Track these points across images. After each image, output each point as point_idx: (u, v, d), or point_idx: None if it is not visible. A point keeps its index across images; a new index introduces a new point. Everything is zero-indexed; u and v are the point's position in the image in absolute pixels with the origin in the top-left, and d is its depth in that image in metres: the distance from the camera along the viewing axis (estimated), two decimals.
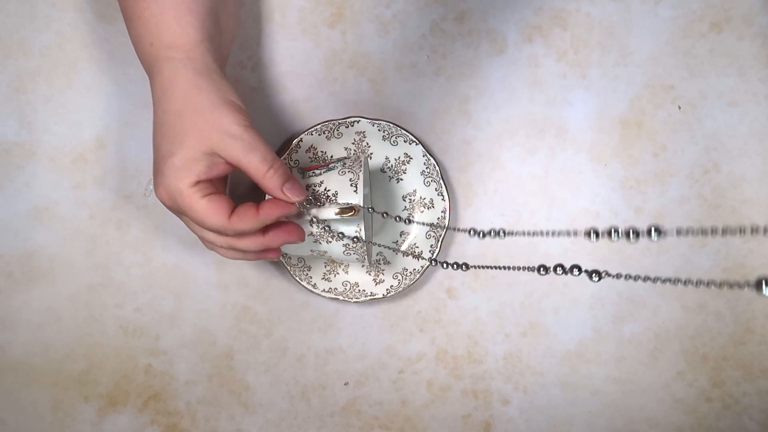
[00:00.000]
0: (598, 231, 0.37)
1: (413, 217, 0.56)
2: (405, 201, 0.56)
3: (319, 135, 0.54)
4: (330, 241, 0.48)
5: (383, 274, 0.55)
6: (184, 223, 0.46)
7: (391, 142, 0.55)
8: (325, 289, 0.55)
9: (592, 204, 0.57)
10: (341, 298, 0.55)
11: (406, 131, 0.54)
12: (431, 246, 0.55)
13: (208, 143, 0.42)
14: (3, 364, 0.55)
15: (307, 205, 0.47)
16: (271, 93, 0.56)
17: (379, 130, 0.54)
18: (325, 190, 0.48)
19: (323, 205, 0.47)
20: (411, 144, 0.55)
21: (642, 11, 0.56)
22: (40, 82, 0.55)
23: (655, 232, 0.35)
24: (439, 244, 0.55)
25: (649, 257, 0.57)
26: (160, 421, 0.56)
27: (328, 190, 0.48)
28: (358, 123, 0.54)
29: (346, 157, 0.53)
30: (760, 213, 0.57)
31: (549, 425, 0.57)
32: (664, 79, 0.57)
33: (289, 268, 0.54)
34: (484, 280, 0.57)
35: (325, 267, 0.55)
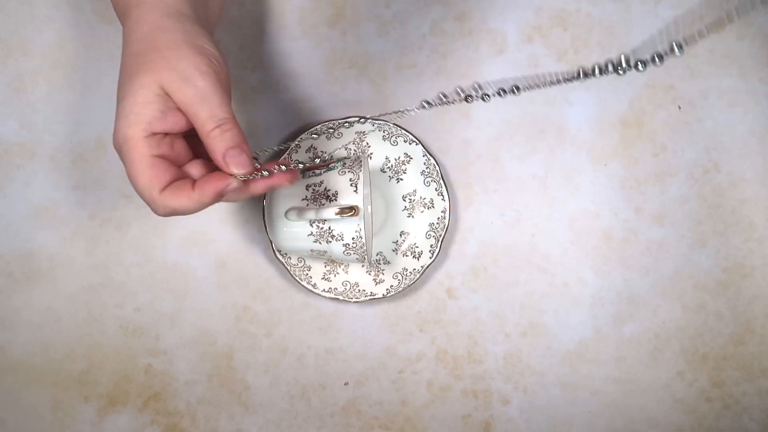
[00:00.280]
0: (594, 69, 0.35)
1: (413, 216, 0.56)
2: (405, 201, 0.56)
3: (319, 135, 0.54)
4: (330, 241, 0.48)
5: (383, 274, 0.55)
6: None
7: (391, 142, 0.55)
8: (325, 289, 0.55)
9: (592, 204, 0.57)
10: (341, 298, 0.55)
11: (406, 131, 0.54)
12: (431, 246, 0.55)
13: (159, 82, 0.37)
14: (3, 364, 0.55)
15: (304, 168, 0.44)
16: (271, 93, 0.56)
17: (379, 130, 0.54)
18: (325, 190, 0.48)
19: (323, 205, 0.47)
20: (411, 144, 0.55)
21: (642, 11, 0.56)
22: (40, 82, 0.55)
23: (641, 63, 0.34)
24: (439, 244, 0.55)
25: (649, 257, 0.57)
26: (160, 421, 0.56)
27: (328, 190, 0.48)
28: (358, 123, 0.54)
29: (346, 157, 0.53)
30: (760, 213, 0.57)
31: (549, 425, 0.57)
32: (664, 79, 0.57)
33: (289, 268, 0.54)
34: (484, 280, 0.57)
35: (325, 267, 0.55)
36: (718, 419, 0.58)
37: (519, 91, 0.37)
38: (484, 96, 0.38)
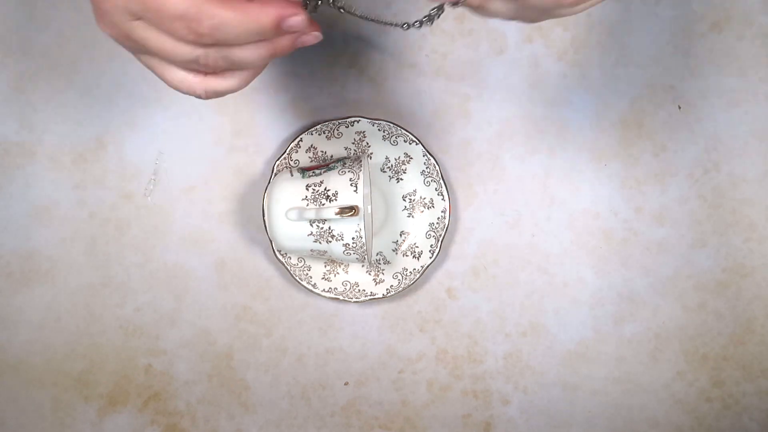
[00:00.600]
0: None
1: (413, 215, 0.56)
2: (405, 201, 0.56)
3: (319, 135, 0.54)
4: (330, 241, 0.48)
5: (383, 274, 0.55)
6: (140, 44, 0.33)
7: (391, 142, 0.55)
8: (325, 289, 0.55)
9: (592, 204, 0.57)
10: (341, 298, 0.55)
11: (406, 131, 0.54)
12: (431, 246, 0.55)
13: None
14: (3, 364, 0.55)
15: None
16: (271, 93, 0.56)
17: (379, 130, 0.54)
18: (325, 190, 0.48)
19: (323, 205, 0.47)
20: (411, 144, 0.55)
21: (642, 11, 0.56)
22: (40, 82, 0.55)
23: None
24: (439, 244, 0.55)
25: (649, 257, 0.57)
26: (160, 421, 0.56)
27: (328, 190, 0.48)
28: (358, 123, 0.54)
29: (346, 157, 0.53)
30: (760, 213, 0.57)
31: (549, 425, 0.57)
32: (664, 79, 0.57)
33: (289, 268, 0.54)
34: (484, 280, 0.57)
35: (325, 267, 0.55)
36: (718, 419, 0.58)
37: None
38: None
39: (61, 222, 0.55)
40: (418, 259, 0.55)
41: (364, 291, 0.55)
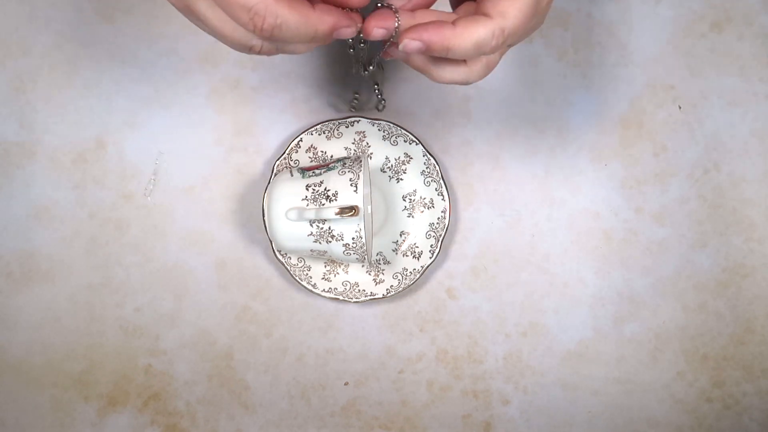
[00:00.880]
0: None
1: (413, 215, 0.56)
2: (405, 201, 0.56)
3: (319, 135, 0.54)
4: (330, 241, 0.48)
5: (383, 274, 0.55)
6: (199, 19, 0.34)
7: (391, 142, 0.55)
8: (325, 289, 0.55)
9: (592, 204, 0.57)
10: (341, 298, 0.55)
11: (406, 131, 0.54)
12: (431, 246, 0.55)
13: None
14: (3, 364, 0.55)
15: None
16: (271, 93, 0.56)
17: (379, 130, 0.54)
18: (325, 190, 0.48)
19: (323, 205, 0.47)
20: (411, 144, 0.55)
21: (642, 11, 0.56)
22: (40, 82, 0.55)
23: None
24: (439, 244, 0.55)
25: (649, 257, 0.57)
26: (160, 421, 0.56)
27: (328, 190, 0.48)
28: (358, 123, 0.54)
29: (346, 157, 0.53)
30: (760, 213, 0.57)
31: (549, 425, 0.57)
32: (664, 79, 0.57)
33: (289, 268, 0.54)
34: (484, 280, 0.57)
35: (325, 267, 0.55)
36: (718, 419, 0.58)
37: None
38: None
39: (61, 222, 0.55)
40: (418, 259, 0.55)
41: (364, 291, 0.55)
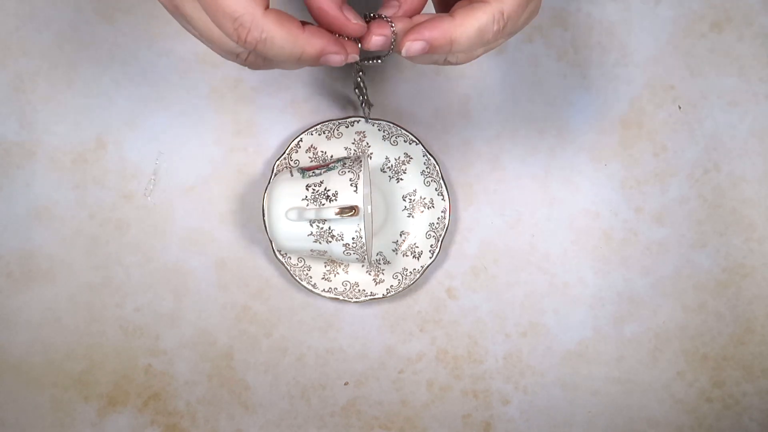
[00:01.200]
0: None
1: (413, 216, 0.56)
2: (405, 201, 0.56)
3: (319, 135, 0.54)
4: (330, 241, 0.48)
5: (383, 274, 0.55)
6: (186, 21, 0.34)
7: (391, 142, 0.55)
8: (325, 289, 0.55)
9: (592, 204, 0.57)
10: (341, 298, 0.55)
11: (406, 131, 0.54)
12: (431, 246, 0.55)
13: None
14: (3, 364, 0.55)
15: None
16: (271, 93, 0.56)
17: (379, 130, 0.54)
18: (325, 190, 0.48)
19: (323, 205, 0.47)
20: (411, 144, 0.55)
21: (642, 11, 0.56)
22: (40, 82, 0.55)
23: None
24: (439, 244, 0.55)
25: (650, 257, 0.57)
26: (160, 421, 0.56)
27: (328, 190, 0.48)
28: (358, 123, 0.54)
29: (346, 157, 0.53)
30: (760, 213, 0.57)
31: (549, 425, 0.57)
32: (664, 79, 0.57)
33: (289, 268, 0.54)
34: (484, 280, 0.57)
35: (325, 267, 0.55)
36: (718, 419, 0.58)
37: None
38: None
39: (61, 222, 0.55)
40: (418, 259, 0.55)
41: (364, 291, 0.55)
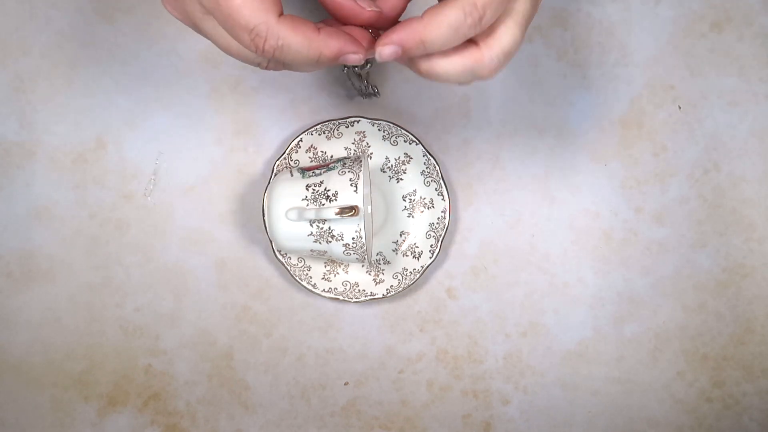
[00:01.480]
0: None
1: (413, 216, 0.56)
2: (405, 201, 0.56)
3: (319, 135, 0.54)
4: (330, 241, 0.48)
5: (383, 274, 0.55)
6: (207, 37, 0.34)
7: (391, 142, 0.55)
8: (325, 289, 0.55)
9: (592, 204, 0.57)
10: (341, 298, 0.55)
11: (406, 131, 0.54)
12: (431, 246, 0.55)
13: None
14: (3, 364, 0.55)
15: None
16: (271, 93, 0.56)
17: (379, 130, 0.54)
18: (325, 190, 0.48)
19: (323, 205, 0.47)
20: (411, 144, 0.55)
21: (642, 11, 0.56)
22: (40, 82, 0.55)
23: None
24: (439, 244, 0.55)
25: (650, 257, 0.57)
26: (160, 421, 0.56)
27: (328, 190, 0.48)
28: (358, 123, 0.54)
29: (346, 157, 0.53)
30: (760, 213, 0.57)
31: (549, 425, 0.57)
32: (664, 79, 0.57)
33: (289, 268, 0.54)
34: (484, 280, 0.57)
35: (325, 267, 0.55)
36: (718, 419, 0.58)
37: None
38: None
39: (61, 222, 0.55)
40: (418, 259, 0.55)
41: (364, 291, 0.55)
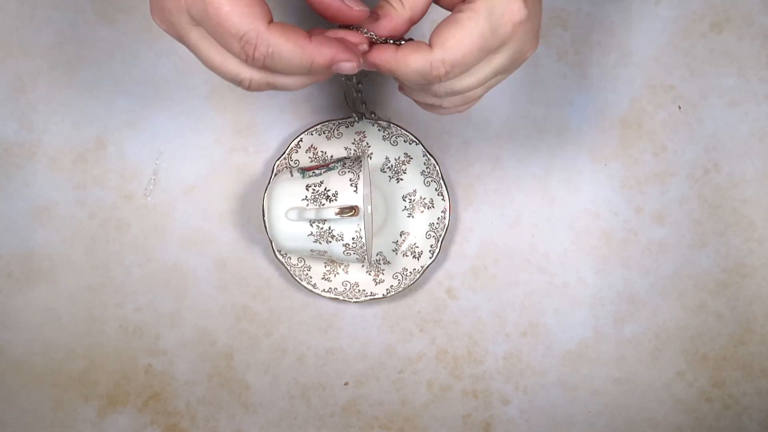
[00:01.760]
0: None
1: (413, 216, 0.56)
2: (405, 201, 0.56)
3: (319, 135, 0.54)
4: (330, 241, 0.48)
5: (383, 274, 0.55)
6: (190, 50, 0.34)
7: (391, 142, 0.55)
8: (325, 289, 0.55)
9: (592, 204, 0.57)
10: (341, 298, 0.55)
11: (406, 131, 0.54)
12: (431, 246, 0.55)
13: None
14: (3, 364, 0.55)
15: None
16: (271, 93, 0.56)
17: (379, 130, 0.54)
18: (325, 190, 0.48)
19: (323, 205, 0.47)
20: (411, 144, 0.55)
21: (642, 11, 0.56)
22: (40, 82, 0.55)
23: None
24: (439, 244, 0.55)
25: (650, 257, 0.57)
26: (160, 421, 0.56)
27: (328, 190, 0.48)
28: (358, 123, 0.54)
29: (346, 157, 0.53)
30: (760, 213, 0.57)
31: (549, 425, 0.57)
32: (664, 79, 0.57)
33: (289, 268, 0.54)
34: (484, 280, 0.57)
35: (325, 267, 0.55)
36: (718, 419, 0.58)
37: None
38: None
39: (61, 222, 0.55)
40: (418, 259, 0.55)
41: (364, 291, 0.55)
